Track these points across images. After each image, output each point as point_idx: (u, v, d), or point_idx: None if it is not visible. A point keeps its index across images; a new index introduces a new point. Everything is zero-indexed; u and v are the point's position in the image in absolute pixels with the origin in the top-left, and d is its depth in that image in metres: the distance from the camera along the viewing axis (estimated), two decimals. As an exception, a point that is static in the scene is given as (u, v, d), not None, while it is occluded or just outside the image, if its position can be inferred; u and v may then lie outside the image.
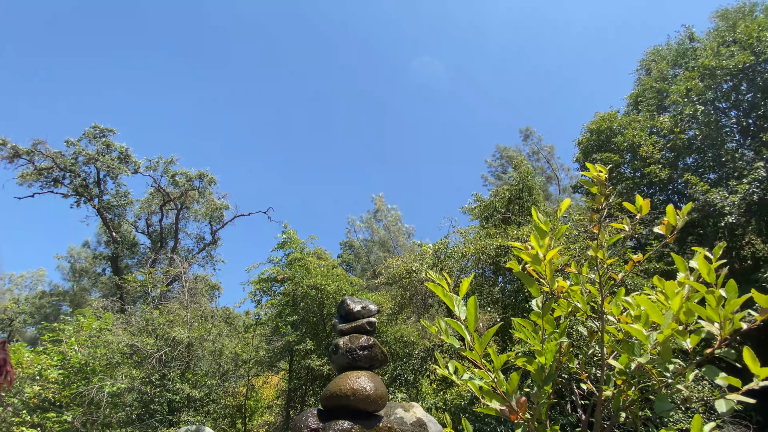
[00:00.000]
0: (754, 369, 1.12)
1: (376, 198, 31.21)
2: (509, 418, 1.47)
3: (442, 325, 1.56)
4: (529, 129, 27.97)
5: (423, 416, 4.96)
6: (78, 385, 8.19)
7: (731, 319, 1.23)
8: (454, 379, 1.63)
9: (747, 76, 12.21)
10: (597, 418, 1.64)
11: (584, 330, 1.80)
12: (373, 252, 29.19)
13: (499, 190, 12.44)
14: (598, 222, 1.71)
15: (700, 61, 13.10)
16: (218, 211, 22.65)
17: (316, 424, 4.51)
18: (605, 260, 1.66)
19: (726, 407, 1.13)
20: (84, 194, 19.41)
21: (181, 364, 9.88)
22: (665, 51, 16.07)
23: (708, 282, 1.31)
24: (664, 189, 12.95)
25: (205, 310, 11.94)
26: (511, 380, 1.48)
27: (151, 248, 22.54)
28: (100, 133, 19.65)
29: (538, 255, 1.62)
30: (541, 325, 1.64)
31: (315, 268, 10.84)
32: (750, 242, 10.17)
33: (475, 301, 1.50)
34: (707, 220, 10.93)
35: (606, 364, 1.62)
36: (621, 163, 13.38)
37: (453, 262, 10.73)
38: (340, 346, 4.99)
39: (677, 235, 1.57)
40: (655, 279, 1.54)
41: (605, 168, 1.62)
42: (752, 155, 11.56)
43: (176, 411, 9.13)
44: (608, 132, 13.93)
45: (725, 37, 13.19)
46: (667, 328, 1.30)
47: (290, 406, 10.93)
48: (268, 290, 11.59)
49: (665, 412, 1.25)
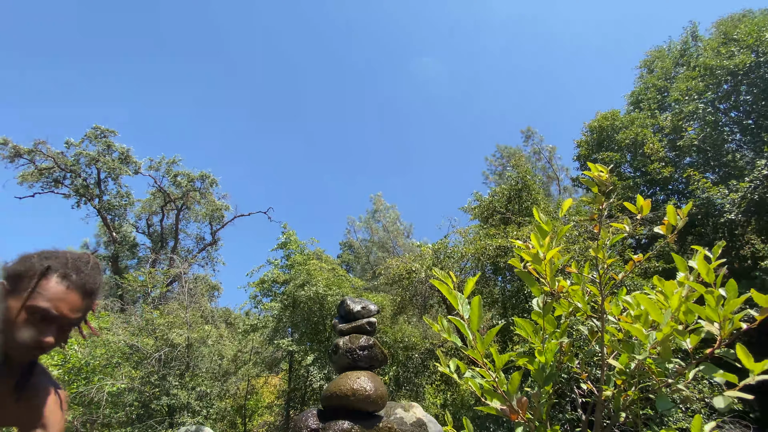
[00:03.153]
0: (747, 365, 1.13)
1: (374, 197, 31.20)
2: (510, 417, 1.47)
3: (445, 324, 1.57)
4: (530, 129, 27.97)
5: (423, 416, 4.96)
6: (78, 385, 8.19)
7: (731, 319, 1.24)
8: (455, 377, 1.64)
9: (747, 76, 12.22)
10: (597, 417, 1.64)
11: (584, 330, 1.80)
12: (372, 252, 29.18)
13: (498, 189, 12.43)
14: (598, 222, 1.71)
15: (701, 60, 13.12)
16: (218, 212, 22.65)
17: (316, 424, 4.52)
18: (605, 260, 1.66)
19: (724, 403, 1.14)
20: (85, 195, 19.42)
21: (181, 364, 9.88)
22: (667, 50, 16.09)
23: (707, 281, 1.32)
24: (664, 188, 12.96)
25: (204, 310, 11.94)
26: (512, 380, 1.48)
27: (152, 248, 22.55)
28: (101, 134, 19.67)
29: (538, 254, 1.62)
30: (542, 324, 1.64)
31: (316, 270, 10.85)
32: (750, 242, 10.17)
33: (479, 301, 1.51)
34: (707, 219, 10.93)
35: (606, 364, 1.63)
36: (621, 162, 13.39)
37: (452, 262, 10.73)
38: (340, 347, 4.99)
39: (677, 235, 1.58)
40: (655, 279, 1.55)
41: (606, 168, 1.62)
42: (752, 155, 11.57)
43: (176, 411, 9.13)
44: (609, 130, 13.95)
45: (726, 36, 13.22)
46: (666, 326, 1.31)
47: (290, 406, 10.93)
48: (268, 291, 11.60)
49: (666, 411, 1.26)
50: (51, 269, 1.13)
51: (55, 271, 1.13)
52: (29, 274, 1.11)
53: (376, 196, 31.14)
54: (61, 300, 1.11)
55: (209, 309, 12.93)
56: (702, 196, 10.57)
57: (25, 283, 1.11)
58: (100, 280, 1.22)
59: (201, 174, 21.53)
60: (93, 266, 1.21)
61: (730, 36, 12.97)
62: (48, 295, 1.09)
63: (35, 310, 1.08)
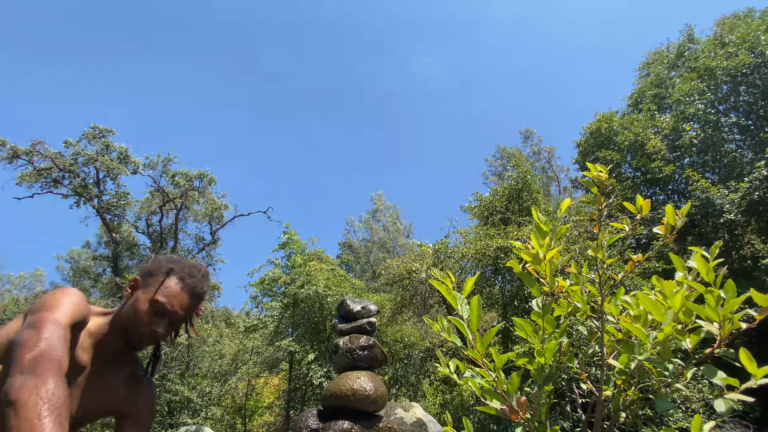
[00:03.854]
0: (750, 369, 1.13)
1: (375, 197, 31.19)
2: (509, 417, 1.47)
3: (444, 324, 1.57)
4: (529, 130, 27.99)
5: (423, 416, 4.96)
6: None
7: (730, 319, 1.24)
8: (454, 378, 1.64)
9: (746, 78, 12.25)
10: (597, 418, 1.64)
11: (584, 330, 1.80)
12: (372, 252, 29.17)
13: (498, 189, 12.44)
14: (598, 222, 1.71)
15: (701, 61, 13.14)
16: (218, 211, 22.63)
17: (316, 424, 4.52)
18: (605, 260, 1.66)
19: (725, 407, 1.13)
20: (83, 195, 19.40)
21: (181, 364, 9.88)
22: (666, 52, 16.11)
23: (706, 281, 1.32)
24: (664, 188, 12.97)
25: (205, 310, 11.94)
26: (511, 380, 1.48)
27: (151, 248, 22.52)
28: (100, 134, 19.64)
29: (538, 255, 1.62)
30: (542, 324, 1.64)
31: (316, 271, 10.86)
32: (749, 242, 10.19)
33: (478, 300, 1.51)
34: (707, 219, 10.95)
35: (606, 364, 1.63)
36: (621, 162, 13.41)
37: (453, 262, 10.74)
38: (340, 347, 4.99)
39: (676, 235, 1.58)
40: (654, 279, 1.55)
41: (605, 168, 1.62)
42: (752, 155, 11.58)
43: (176, 411, 9.13)
44: (608, 132, 13.96)
45: (724, 38, 13.25)
46: (667, 326, 1.31)
47: (290, 407, 10.93)
48: (269, 290, 11.61)
49: (666, 412, 1.26)
50: (173, 271, 1.31)
51: (175, 273, 1.31)
52: (157, 273, 1.31)
53: (377, 196, 31.14)
54: (175, 297, 1.28)
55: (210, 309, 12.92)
56: (702, 196, 10.59)
57: (153, 279, 1.30)
58: (207, 286, 1.38)
59: (199, 173, 21.50)
60: (204, 274, 1.38)
61: (726, 40, 13.01)
62: (166, 292, 1.27)
63: (156, 304, 1.25)
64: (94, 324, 1.26)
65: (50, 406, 0.85)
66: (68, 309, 1.11)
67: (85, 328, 1.22)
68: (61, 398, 0.89)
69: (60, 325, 1.05)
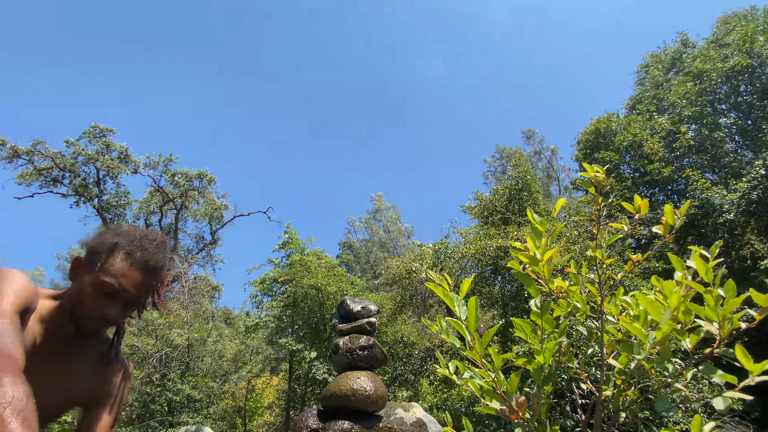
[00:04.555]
0: (747, 366, 1.13)
1: (375, 197, 31.22)
2: (509, 417, 1.47)
3: (443, 325, 1.57)
4: (531, 130, 28.00)
5: (423, 416, 4.96)
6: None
7: (730, 319, 1.24)
8: (454, 378, 1.64)
9: (745, 78, 12.27)
10: (597, 418, 1.64)
11: (584, 330, 1.80)
12: (372, 252, 29.16)
13: (498, 188, 12.43)
14: (597, 222, 1.71)
15: (696, 64, 13.20)
16: (218, 211, 22.62)
17: (316, 424, 4.52)
18: (604, 260, 1.66)
19: (724, 405, 1.13)
20: (84, 194, 19.39)
21: (181, 364, 9.89)
22: (662, 55, 16.19)
23: (706, 281, 1.32)
24: (663, 188, 12.97)
25: (205, 310, 11.95)
26: (511, 380, 1.48)
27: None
28: (100, 133, 19.63)
29: (535, 256, 1.62)
30: (541, 325, 1.64)
31: (316, 268, 10.87)
32: (749, 242, 10.19)
33: (475, 301, 1.50)
34: (706, 219, 10.95)
35: (606, 364, 1.63)
36: (620, 162, 13.41)
37: (453, 262, 10.74)
38: (340, 347, 4.99)
39: (675, 235, 1.58)
40: (653, 279, 1.55)
41: (602, 168, 1.62)
42: (751, 155, 11.58)
43: (176, 411, 9.14)
44: (607, 133, 13.97)
45: (721, 41, 13.31)
46: (665, 325, 1.31)
47: (290, 407, 10.93)
48: (269, 290, 11.61)
49: (665, 412, 1.25)
50: (119, 246, 1.17)
51: (121, 248, 1.17)
52: (101, 250, 1.17)
53: (377, 196, 31.16)
54: (123, 276, 1.15)
55: (210, 309, 12.92)
56: (701, 196, 10.59)
57: (97, 258, 1.16)
58: (164, 257, 1.24)
59: (199, 173, 21.49)
60: (159, 244, 1.23)
61: (724, 41, 13.05)
62: (112, 271, 1.14)
63: (103, 285, 1.13)
64: (44, 307, 1.14)
65: (13, 409, 0.76)
66: (12, 295, 0.98)
67: (34, 313, 1.10)
68: (24, 398, 0.79)
69: (5, 315, 0.93)
